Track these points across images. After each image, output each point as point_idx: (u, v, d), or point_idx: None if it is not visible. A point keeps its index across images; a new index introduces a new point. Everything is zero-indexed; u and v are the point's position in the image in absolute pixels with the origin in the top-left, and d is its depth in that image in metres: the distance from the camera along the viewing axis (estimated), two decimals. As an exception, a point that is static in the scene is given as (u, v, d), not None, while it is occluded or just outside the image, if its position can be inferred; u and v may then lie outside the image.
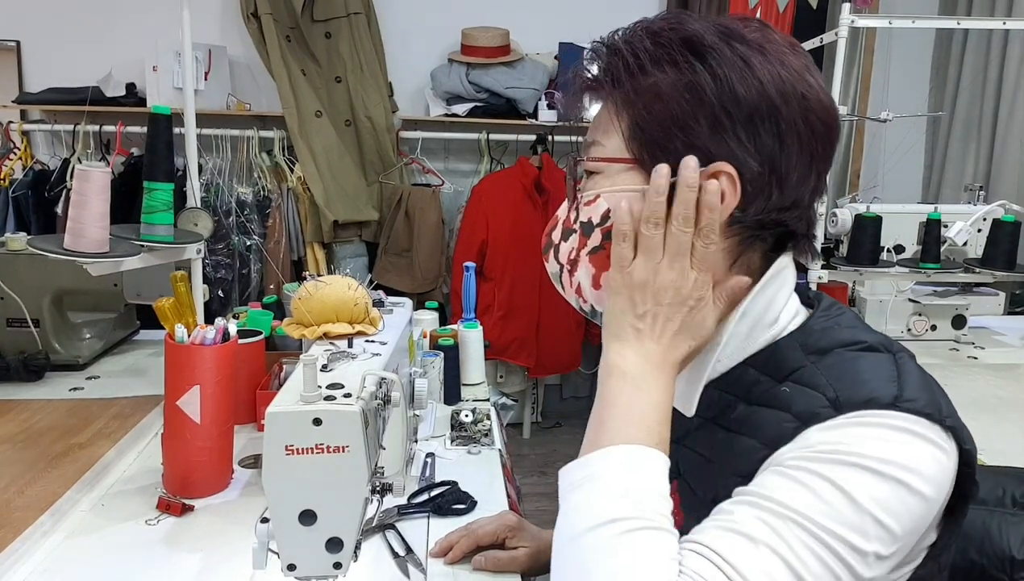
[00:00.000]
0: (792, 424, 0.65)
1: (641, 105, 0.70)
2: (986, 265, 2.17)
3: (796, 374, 0.69)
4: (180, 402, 1.21)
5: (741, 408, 0.71)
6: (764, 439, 0.66)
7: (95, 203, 1.37)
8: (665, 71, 0.70)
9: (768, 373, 0.71)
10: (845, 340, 0.70)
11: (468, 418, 1.55)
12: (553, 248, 0.79)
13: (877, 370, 0.66)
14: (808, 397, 0.65)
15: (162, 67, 3.22)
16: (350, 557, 0.86)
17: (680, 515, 0.71)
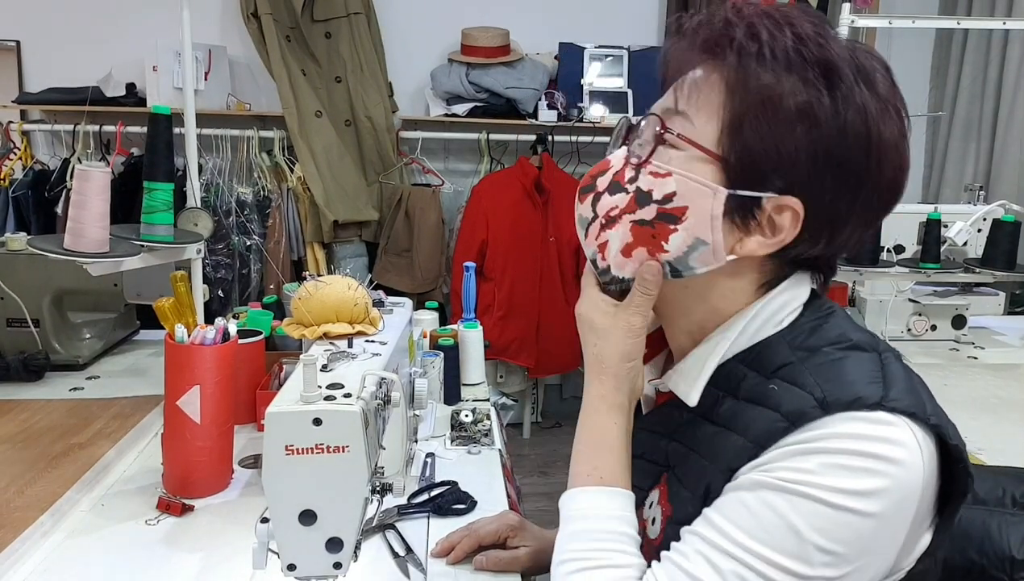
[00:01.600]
0: (782, 424, 0.65)
1: (755, 103, 0.67)
2: (986, 265, 2.17)
3: (783, 370, 0.70)
4: (180, 402, 1.21)
5: (729, 403, 0.72)
6: (753, 436, 0.67)
7: (95, 203, 1.37)
8: (793, 81, 0.67)
9: (755, 368, 0.72)
10: (832, 338, 0.71)
11: (468, 418, 1.55)
12: (593, 193, 0.75)
13: (862, 370, 0.67)
14: (796, 397, 0.66)
15: (162, 67, 3.22)
16: (350, 557, 0.86)
17: (668, 507, 0.74)
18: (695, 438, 0.74)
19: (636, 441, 0.79)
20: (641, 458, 0.79)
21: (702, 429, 0.73)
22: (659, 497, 0.75)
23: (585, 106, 3.60)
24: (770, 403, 0.68)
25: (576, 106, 3.60)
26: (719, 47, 0.69)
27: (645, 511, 0.77)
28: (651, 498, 0.77)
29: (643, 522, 0.76)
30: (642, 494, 0.78)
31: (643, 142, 0.73)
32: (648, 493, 0.78)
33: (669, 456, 0.76)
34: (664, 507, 0.74)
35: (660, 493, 0.75)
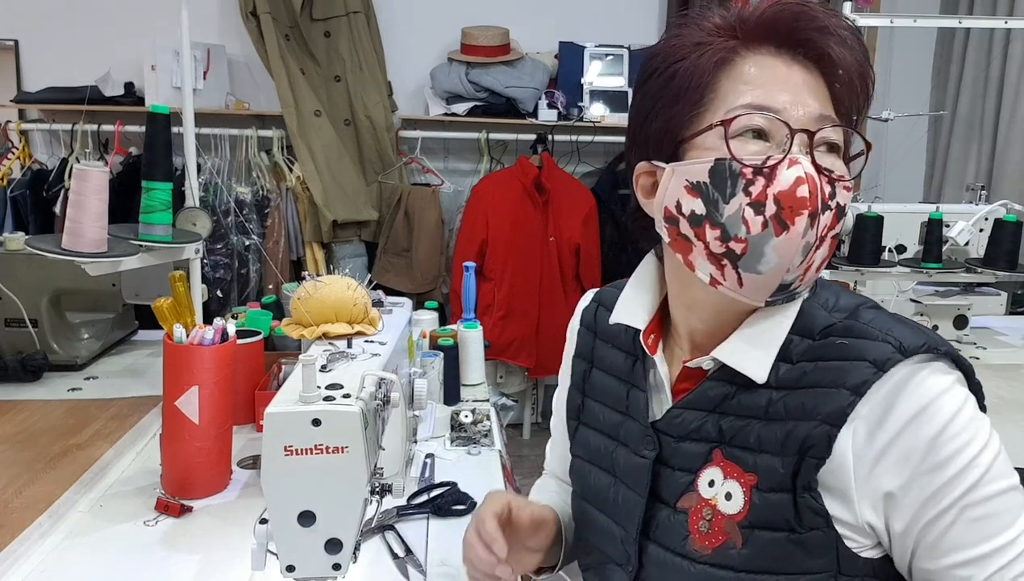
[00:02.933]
0: (871, 370, 0.69)
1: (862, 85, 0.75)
2: (988, 265, 2.16)
3: (831, 329, 0.74)
4: (179, 403, 1.20)
5: (784, 368, 0.74)
6: (847, 385, 0.70)
7: (93, 203, 1.37)
8: (856, 59, 0.75)
9: (799, 333, 0.75)
10: (856, 301, 0.77)
11: (468, 419, 1.54)
12: (817, 217, 0.71)
13: (903, 322, 0.75)
14: (875, 346, 0.71)
15: (160, 66, 3.22)
16: (349, 558, 0.86)
17: (749, 476, 0.74)
18: (755, 406, 0.75)
19: (677, 424, 0.79)
20: (687, 439, 0.79)
21: (759, 396, 0.74)
22: (723, 473, 0.75)
23: (585, 105, 3.60)
24: (849, 355, 0.71)
25: (576, 105, 3.60)
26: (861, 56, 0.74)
27: (704, 490, 0.76)
28: (708, 476, 0.76)
29: (705, 502, 0.76)
30: (688, 477, 0.78)
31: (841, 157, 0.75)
32: (698, 474, 0.77)
33: (723, 430, 0.76)
34: (741, 478, 0.74)
35: (723, 468, 0.75)
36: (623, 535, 0.83)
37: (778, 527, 0.72)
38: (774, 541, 0.72)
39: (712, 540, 0.75)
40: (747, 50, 0.74)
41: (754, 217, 0.70)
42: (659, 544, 0.80)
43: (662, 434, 0.81)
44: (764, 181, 0.70)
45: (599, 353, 0.93)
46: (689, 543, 0.76)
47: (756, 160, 0.71)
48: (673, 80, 0.76)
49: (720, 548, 0.74)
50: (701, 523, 0.76)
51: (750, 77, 0.73)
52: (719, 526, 0.74)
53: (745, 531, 0.73)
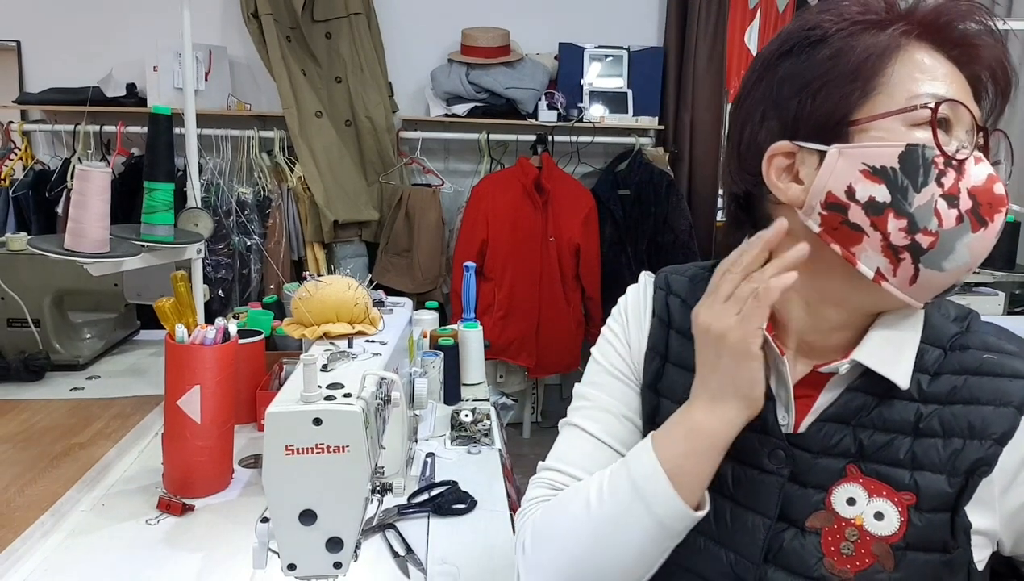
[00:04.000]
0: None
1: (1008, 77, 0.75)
2: (986, 265, 2.17)
3: (961, 339, 0.74)
4: (180, 402, 1.21)
5: (926, 379, 0.72)
6: (1017, 403, 0.69)
7: (95, 203, 1.37)
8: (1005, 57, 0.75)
9: (929, 341, 0.74)
10: (961, 309, 0.78)
11: (468, 418, 1.55)
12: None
13: (1015, 334, 0.77)
14: (1022, 363, 0.71)
15: (162, 67, 3.22)
16: (350, 557, 0.86)
17: (904, 496, 0.70)
18: (899, 420, 0.71)
19: (818, 438, 0.73)
20: (825, 454, 0.73)
21: (905, 409, 0.71)
22: (865, 491, 0.71)
23: (585, 106, 3.60)
24: (1007, 372, 0.71)
25: (576, 106, 3.60)
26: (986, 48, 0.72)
27: (840, 509, 0.71)
28: (845, 493, 0.71)
29: (845, 521, 0.71)
30: (820, 495, 0.72)
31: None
32: (829, 491, 0.72)
33: (863, 444, 0.71)
34: (894, 497, 0.70)
35: (863, 486, 0.71)
36: (733, 559, 0.74)
37: (934, 548, 0.69)
38: (928, 563, 0.69)
39: (856, 563, 0.70)
40: (916, 39, 0.70)
41: (947, 210, 0.66)
42: (783, 568, 0.72)
43: (797, 448, 0.74)
44: (955, 174, 0.67)
45: (675, 348, 0.83)
46: (824, 566, 0.71)
47: (950, 150, 0.67)
48: (841, 58, 0.70)
49: (866, 571, 0.70)
50: (844, 545, 0.71)
51: (925, 67, 0.69)
52: (867, 548, 0.70)
53: (899, 553, 0.69)
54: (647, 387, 0.84)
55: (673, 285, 0.87)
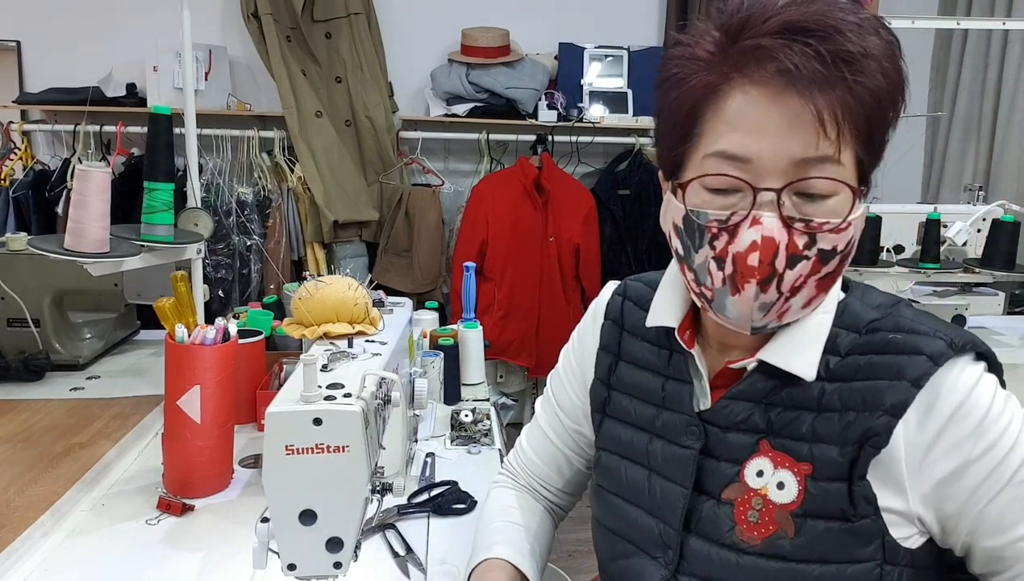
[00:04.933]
0: (928, 364, 0.71)
1: (873, 112, 0.69)
2: (986, 265, 2.17)
3: (877, 323, 0.76)
4: (180, 402, 1.21)
5: (835, 361, 0.76)
6: (907, 377, 0.72)
7: (95, 203, 1.37)
8: (890, 72, 0.69)
9: (844, 327, 0.77)
10: (893, 298, 0.80)
11: (468, 418, 1.55)
12: (776, 278, 0.71)
13: (946, 323, 0.77)
14: (928, 341, 0.73)
15: (162, 67, 3.22)
16: (350, 557, 0.86)
17: (803, 466, 0.75)
18: (806, 398, 0.76)
19: (724, 415, 0.80)
20: (734, 430, 0.79)
21: (811, 389, 0.75)
22: (772, 463, 0.76)
23: (585, 106, 3.60)
24: (904, 349, 0.73)
25: (576, 106, 3.60)
26: (821, 71, 0.66)
27: (751, 480, 0.77)
28: (756, 467, 0.77)
29: (754, 492, 0.76)
30: (734, 468, 0.78)
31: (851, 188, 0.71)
32: (743, 464, 0.78)
33: (772, 421, 0.77)
34: (795, 467, 0.75)
35: (771, 459, 0.76)
36: (662, 528, 0.82)
37: (832, 516, 0.73)
38: (828, 530, 0.73)
39: (762, 530, 0.75)
40: (735, 81, 0.69)
41: (716, 271, 0.73)
42: (701, 536, 0.80)
43: (708, 425, 0.81)
44: (727, 237, 0.71)
45: (626, 347, 0.92)
46: (735, 534, 0.77)
47: (722, 215, 0.71)
48: (665, 107, 0.77)
49: (770, 538, 0.75)
50: (750, 513, 0.76)
51: (731, 115, 0.70)
52: (770, 516, 0.75)
53: (798, 520, 0.74)
54: (598, 380, 0.94)
55: (630, 291, 0.95)
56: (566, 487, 1.05)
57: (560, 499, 1.06)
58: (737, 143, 0.69)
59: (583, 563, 2.31)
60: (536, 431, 1.05)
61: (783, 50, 0.66)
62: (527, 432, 1.08)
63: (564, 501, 1.07)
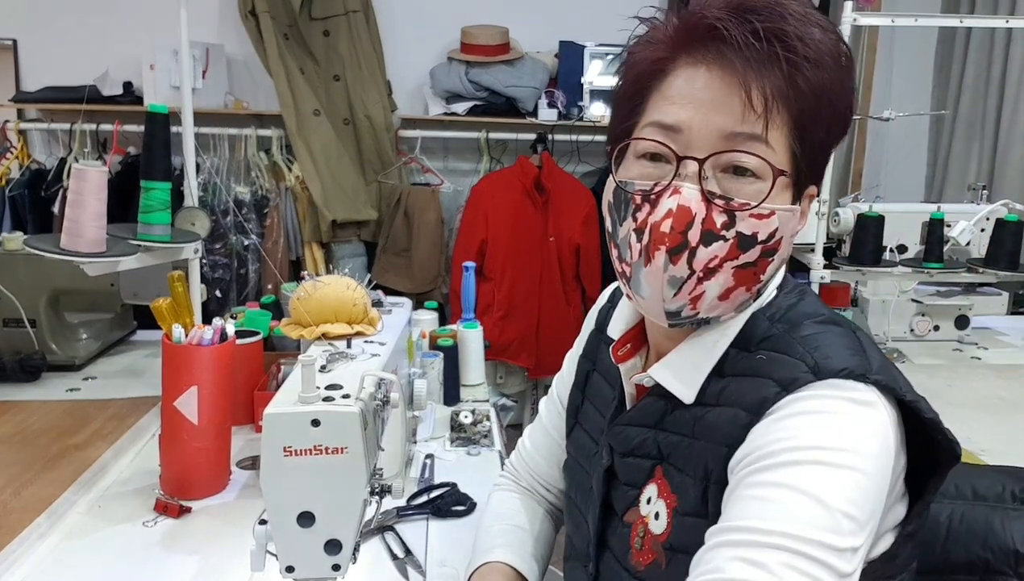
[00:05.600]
0: (775, 389, 0.66)
1: (808, 105, 0.68)
2: (989, 265, 2.16)
3: (765, 342, 0.71)
4: (177, 403, 1.20)
5: (715, 383, 0.72)
6: (747, 405, 0.67)
7: (92, 202, 1.36)
8: (830, 69, 0.68)
9: (737, 345, 0.73)
10: (808, 313, 0.73)
11: (468, 419, 1.54)
12: (687, 250, 0.69)
13: (844, 342, 0.69)
14: (788, 364, 0.67)
15: (159, 66, 3.21)
16: (349, 559, 0.85)
17: (672, 497, 0.73)
18: (685, 423, 0.73)
19: (622, 439, 0.80)
20: (631, 455, 0.79)
21: (691, 412, 0.73)
22: (658, 491, 0.75)
23: (585, 105, 3.59)
24: (761, 372, 0.69)
25: (576, 105, 3.59)
26: (757, 51, 0.66)
27: (643, 507, 0.76)
28: (647, 493, 0.76)
29: (641, 519, 0.76)
30: (634, 492, 0.78)
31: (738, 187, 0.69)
32: (641, 490, 0.77)
33: (661, 447, 0.75)
34: (667, 499, 0.73)
35: (659, 487, 0.75)
36: (588, 537, 0.84)
37: (695, 551, 0.66)
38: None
39: (644, 557, 0.75)
40: (680, 60, 0.71)
41: (635, 243, 0.71)
42: (612, 552, 0.81)
43: (612, 446, 0.81)
44: (649, 208, 0.70)
45: (601, 356, 0.92)
46: (629, 557, 0.77)
47: (646, 185, 0.71)
48: (617, 87, 0.78)
49: (650, 566, 0.74)
50: (636, 539, 0.76)
51: (671, 91, 0.71)
52: (648, 544, 0.75)
53: (668, 553, 0.72)
54: (575, 386, 0.96)
55: (616, 297, 0.95)
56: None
57: (560, 501, 1.05)
58: (670, 113, 0.70)
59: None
60: (540, 431, 1.05)
61: (724, 22, 0.67)
62: (530, 433, 1.07)
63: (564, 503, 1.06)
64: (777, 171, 0.68)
